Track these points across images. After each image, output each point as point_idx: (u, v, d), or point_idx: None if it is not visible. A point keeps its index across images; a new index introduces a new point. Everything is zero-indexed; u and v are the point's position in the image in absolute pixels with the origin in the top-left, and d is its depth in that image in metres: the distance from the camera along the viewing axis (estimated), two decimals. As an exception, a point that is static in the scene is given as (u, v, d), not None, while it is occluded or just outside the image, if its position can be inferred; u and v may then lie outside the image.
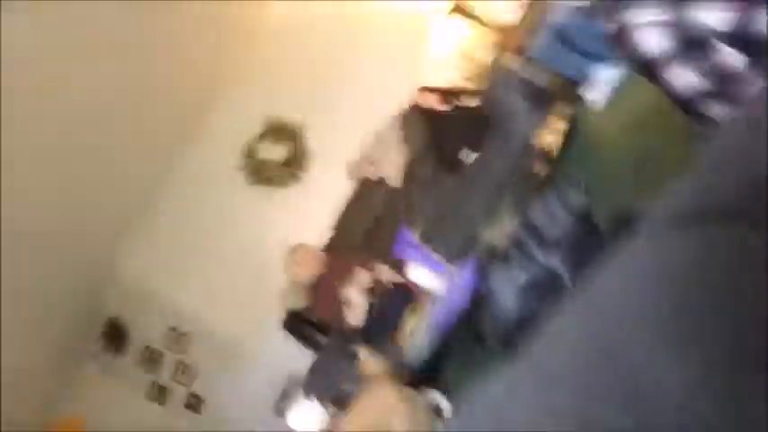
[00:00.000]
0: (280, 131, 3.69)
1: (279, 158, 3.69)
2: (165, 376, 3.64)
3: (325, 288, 2.75)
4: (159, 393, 3.68)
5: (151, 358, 3.65)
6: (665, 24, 0.71)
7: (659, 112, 1.03)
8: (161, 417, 3.65)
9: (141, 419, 3.56)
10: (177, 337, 3.61)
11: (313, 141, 3.72)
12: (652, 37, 0.72)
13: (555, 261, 1.49)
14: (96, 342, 3.58)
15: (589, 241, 1.46)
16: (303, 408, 3.30)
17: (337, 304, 2.67)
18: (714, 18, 0.67)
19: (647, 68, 0.77)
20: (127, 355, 3.66)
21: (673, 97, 0.77)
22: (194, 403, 3.63)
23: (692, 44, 0.70)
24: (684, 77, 0.72)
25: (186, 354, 3.62)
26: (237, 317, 3.54)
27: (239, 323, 3.54)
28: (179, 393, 3.64)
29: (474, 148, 2.94)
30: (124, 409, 3.59)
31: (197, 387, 3.63)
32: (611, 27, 0.77)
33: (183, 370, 3.63)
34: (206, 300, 3.59)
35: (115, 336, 3.59)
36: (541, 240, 1.53)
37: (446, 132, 3.06)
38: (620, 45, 0.78)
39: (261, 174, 3.69)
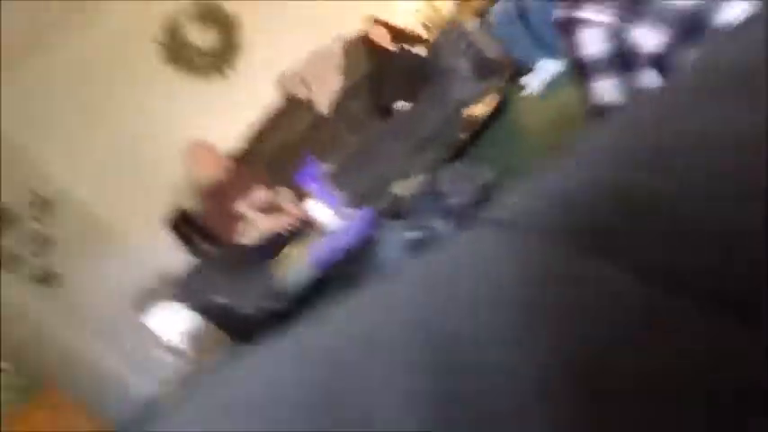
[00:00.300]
0: (212, 16, 3.32)
1: (205, 45, 3.34)
2: (16, 243, 3.29)
3: (220, 196, 2.62)
4: (9, 260, 3.34)
5: (4, 218, 3.26)
6: (608, 28, 0.70)
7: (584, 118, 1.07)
8: (5, 281, 3.34)
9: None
10: (40, 203, 3.24)
11: (246, 39, 3.40)
12: (593, 38, 0.72)
13: (447, 229, 1.54)
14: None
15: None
16: (166, 310, 3.22)
17: (228, 216, 2.57)
18: (652, 40, 0.67)
19: (580, 69, 0.77)
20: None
21: (590, 105, 0.78)
22: (46, 278, 3.36)
23: (624, 59, 0.71)
24: (606, 90, 0.74)
25: (46, 225, 3.28)
26: (118, 201, 3.25)
27: (118, 208, 3.26)
28: (30, 263, 3.33)
29: (408, 98, 2.91)
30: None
31: (53, 262, 3.34)
32: (561, 14, 0.75)
33: (42, 241, 3.31)
34: (86, 174, 3.24)
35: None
36: (442, 206, 1.57)
37: (386, 74, 2.98)
38: (563, 36, 0.77)
39: (181, 55, 3.32)
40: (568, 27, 0.76)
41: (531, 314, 0.14)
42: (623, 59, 0.73)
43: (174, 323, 3.17)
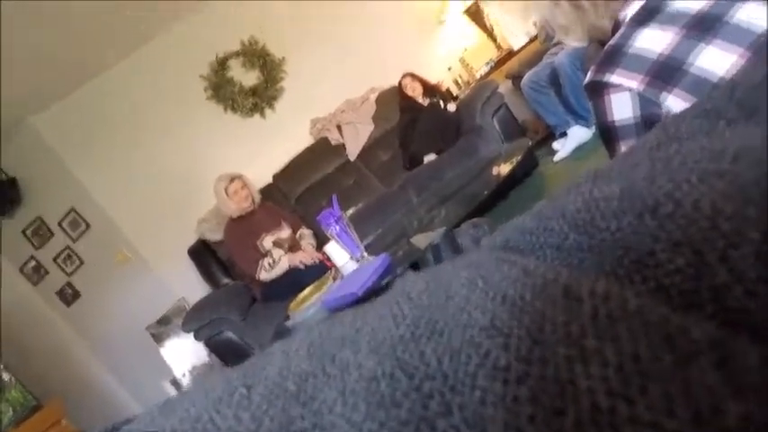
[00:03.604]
0: (258, 58, 3.51)
1: (248, 84, 3.51)
2: (46, 256, 3.38)
3: (246, 230, 2.65)
4: (34, 272, 3.43)
5: (38, 233, 3.38)
6: (638, 94, 0.70)
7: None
8: (27, 294, 3.40)
9: (6, 289, 3.30)
10: (74, 220, 3.35)
11: (287, 82, 3.57)
12: (623, 102, 0.72)
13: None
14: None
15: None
16: (179, 340, 3.21)
17: (252, 251, 2.59)
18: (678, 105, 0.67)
19: (609, 133, 0.77)
20: (14, 218, 3.37)
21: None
22: (68, 294, 3.41)
23: (653, 125, 0.70)
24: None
25: (78, 242, 3.37)
26: (145, 225, 3.34)
27: (145, 231, 3.35)
28: (55, 278, 3.40)
29: (436, 151, 2.96)
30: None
31: (77, 279, 3.41)
32: (592, 78, 0.76)
33: (69, 257, 3.40)
34: (118, 195, 3.36)
35: (8, 194, 3.27)
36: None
37: (417, 126, 3.05)
38: (593, 100, 0.77)
39: (223, 91, 3.49)
40: (598, 91, 0.77)
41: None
42: (653, 125, 0.72)
43: (185, 355, 3.14)
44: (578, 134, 2.63)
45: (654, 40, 0.75)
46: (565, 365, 0.13)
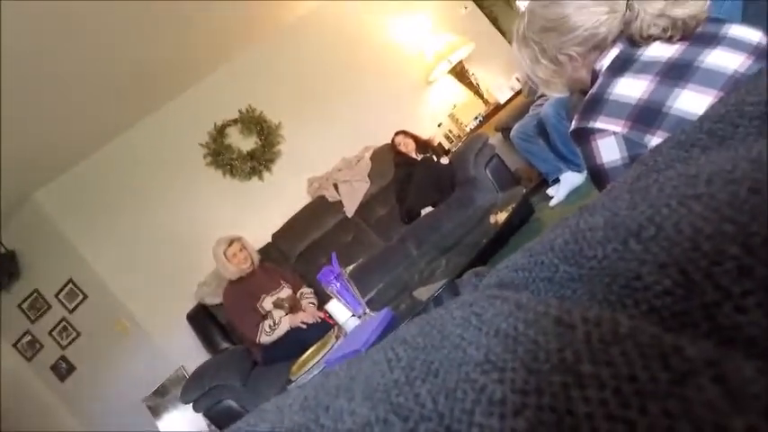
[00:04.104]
0: (255, 124, 3.63)
1: (246, 149, 3.61)
2: (42, 329, 3.31)
3: (245, 292, 2.62)
4: (29, 346, 3.34)
5: (35, 305, 3.33)
6: (622, 137, 0.73)
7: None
8: (19, 369, 3.30)
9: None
10: (72, 291, 3.31)
11: (284, 146, 3.67)
12: (609, 146, 0.74)
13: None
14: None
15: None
16: (177, 412, 3.07)
17: (252, 313, 2.55)
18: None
19: (599, 176, 0.79)
20: (10, 292, 3.33)
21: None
22: (62, 369, 3.31)
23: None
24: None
25: (74, 313, 3.32)
26: (143, 293, 3.31)
27: (143, 299, 3.30)
28: (50, 352, 3.31)
29: (432, 204, 2.99)
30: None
31: (72, 352, 3.32)
32: (576, 125, 0.79)
33: (65, 329, 3.33)
34: (117, 264, 3.34)
35: (6, 267, 3.26)
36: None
37: (412, 180, 3.11)
38: (580, 146, 0.79)
39: (222, 157, 3.58)
40: (584, 137, 0.79)
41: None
42: (633, 160, 0.74)
43: (183, 428, 3.00)
44: (571, 179, 2.68)
45: (631, 87, 0.79)
46: (561, 393, 0.13)
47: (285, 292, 2.66)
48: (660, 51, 0.78)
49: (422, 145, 3.35)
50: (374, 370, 0.19)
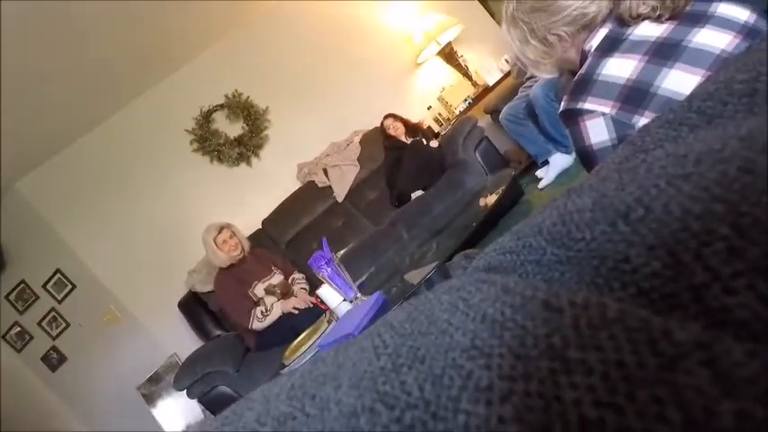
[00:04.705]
0: (242, 109, 3.58)
1: (233, 134, 3.56)
2: (31, 320, 3.28)
3: (236, 279, 2.61)
4: (18, 338, 3.32)
5: (22, 296, 3.29)
6: (611, 118, 0.72)
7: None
8: (10, 360, 3.27)
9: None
10: (59, 282, 3.28)
11: (272, 130, 3.63)
12: (597, 127, 0.74)
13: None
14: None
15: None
16: (171, 399, 3.08)
17: (244, 299, 2.54)
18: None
19: (588, 157, 0.79)
20: (-3, 284, 3.29)
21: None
22: (54, 359, 3.29)
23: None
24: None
25: (63, 303, 3.29)
26: (133, 281, 3.28)
27: (133, 288, 3.28)
28: (40, 343, 3.28)
29: (422, 187, 2.99)
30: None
31: (63, 342, 3.30)
32: (565, 107, 0.78)
33: (54, 320, 3.30)
34: (105, 253, 3.31)
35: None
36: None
37: (401, 164, 3.09)
38: (569, 127, 0.79)
39: (209, 143, 3.53)
40: (573, 118, 0.79)
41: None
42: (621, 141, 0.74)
43: (178, 414, 3.01)
44: (560, 161, 2.69)
45: (620, 68, 0.78)
46: (549, 379, 0.13)
47: (277, 278, 2.66)
48: (649, 31, 0.77)
49: (411, 128, 3.33)
50: (361, 357, 0.19)
